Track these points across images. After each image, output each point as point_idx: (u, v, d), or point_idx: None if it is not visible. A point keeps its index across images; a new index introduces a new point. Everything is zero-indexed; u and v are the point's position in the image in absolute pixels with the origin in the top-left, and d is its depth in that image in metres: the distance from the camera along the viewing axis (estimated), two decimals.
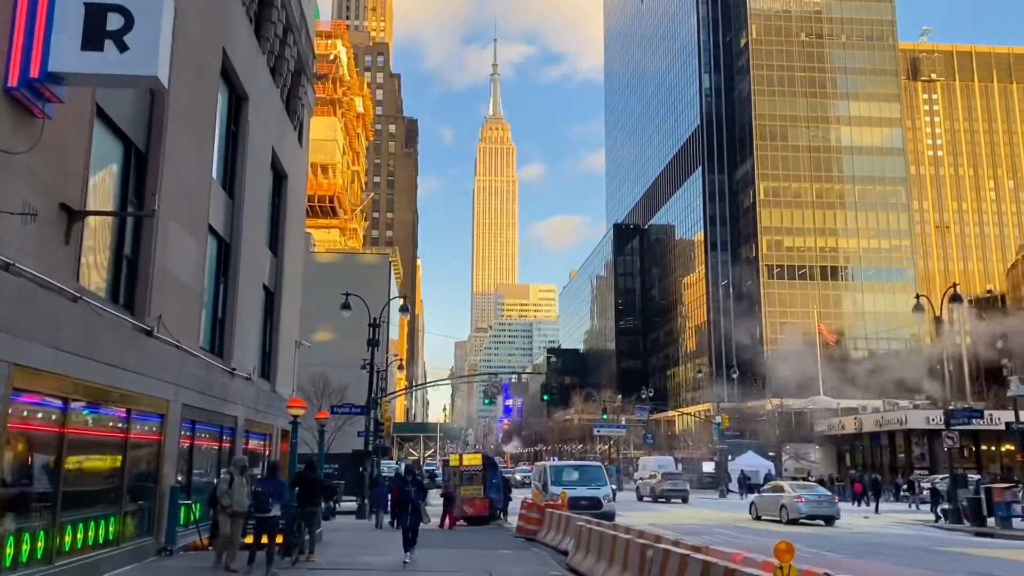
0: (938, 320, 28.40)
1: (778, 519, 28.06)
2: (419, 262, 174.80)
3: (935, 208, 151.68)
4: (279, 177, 24.30)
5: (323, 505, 23.68)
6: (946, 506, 30.62)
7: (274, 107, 22.63)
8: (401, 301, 31.70)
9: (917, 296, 30.75)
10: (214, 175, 17.63)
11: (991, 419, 47.06)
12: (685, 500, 41.77)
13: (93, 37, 8.75)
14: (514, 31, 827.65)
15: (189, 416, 15.46)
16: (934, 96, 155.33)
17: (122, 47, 8.79)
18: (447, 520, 23.03)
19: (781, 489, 29.89)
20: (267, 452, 22.95)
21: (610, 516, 21.47)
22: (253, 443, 21.16)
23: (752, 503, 31.05)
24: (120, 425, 12.43)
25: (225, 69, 17.50)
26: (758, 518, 29.51)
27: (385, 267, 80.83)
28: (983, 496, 26.70)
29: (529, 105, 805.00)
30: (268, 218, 23.42)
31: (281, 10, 21.32)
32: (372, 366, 30.09)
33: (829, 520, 27.42)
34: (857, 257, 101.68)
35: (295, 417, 15.77)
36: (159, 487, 13.97)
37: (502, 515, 26.05)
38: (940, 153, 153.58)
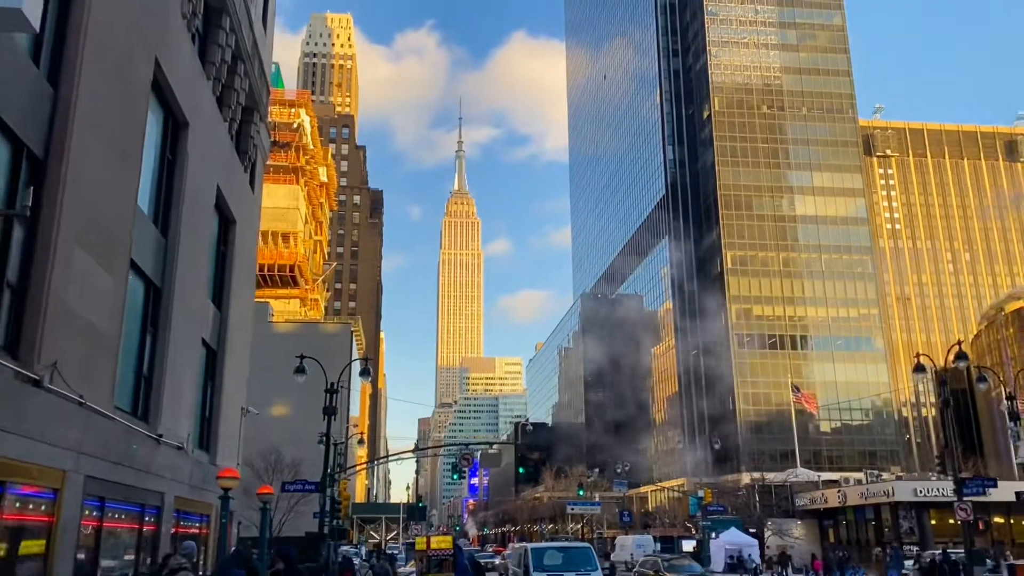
0: (940, 382, 26.33)
1: None
2: (382, 335, 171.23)
3: (896, 280, 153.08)
4: (226, 221, 21.77)
5: None
6: None
7: (221, 141, 20.28)
8: (362, 364, 28.89)
9: (918, 355, 28.83)
10: (142, 205, 15.09)
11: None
12: None
13: None
14: (481, 114, 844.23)
15: (96, 492, 12.52)
16: (889, 171, 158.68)
17: None
18: None
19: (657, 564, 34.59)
20: (205, 536, 19.78)
21: None
22: (186, 525, 18.01)
23: (635, 573, 35.48)
24: None
25: (159, 84, 15.16)
26: None
27: (347, 337, 77.73)
28: (1006, 574, 24.26)
29: (496, 184, 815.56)
30: (212, 266, 20.77)
31: (230, 33, 19.19)
32: (328, 437, 27.09)
33: None
34: (826, 326, 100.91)
35: (226, 490, 12.90)
36: None
37: None
38: (898, 226, 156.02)
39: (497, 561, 44.11)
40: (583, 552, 21.34)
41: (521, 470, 50.39)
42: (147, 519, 15.23)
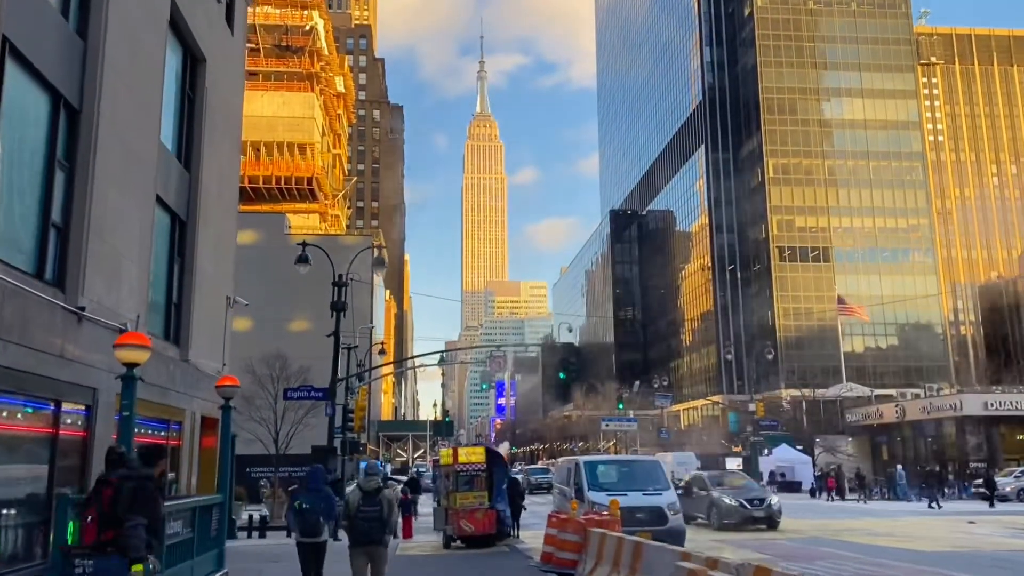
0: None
1: None
2: (407, 256, 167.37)
3: (937, 195, 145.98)
4: (192, 57, 17.17)
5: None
6: None
7: None
8: (376, 252, 24.66)
9: None
10: None
11: None
12: None
13: None
14: (508, 41, 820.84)
15: None
16: (934, 80, 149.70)
17: None
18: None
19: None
20: (176, 448, 15.90)
21: (679, 535, 14.39)
22: (142, 434, 13.99)
23: None
24: None
25: None
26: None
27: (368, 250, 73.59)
28: None
29: (522, 112, 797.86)
30: (174, 111, 16.31)
31: None
32: (337, 337, 23.01)
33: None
34: (872, 237, 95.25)
35: (129, 366, 8.71)
36: None
37: (513, 530, 19.04)
38: (940, 138, 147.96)
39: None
40: (649, 467, 16.69)
41: (562, 375, 47.00)
42: (68, 422, 11.15)
